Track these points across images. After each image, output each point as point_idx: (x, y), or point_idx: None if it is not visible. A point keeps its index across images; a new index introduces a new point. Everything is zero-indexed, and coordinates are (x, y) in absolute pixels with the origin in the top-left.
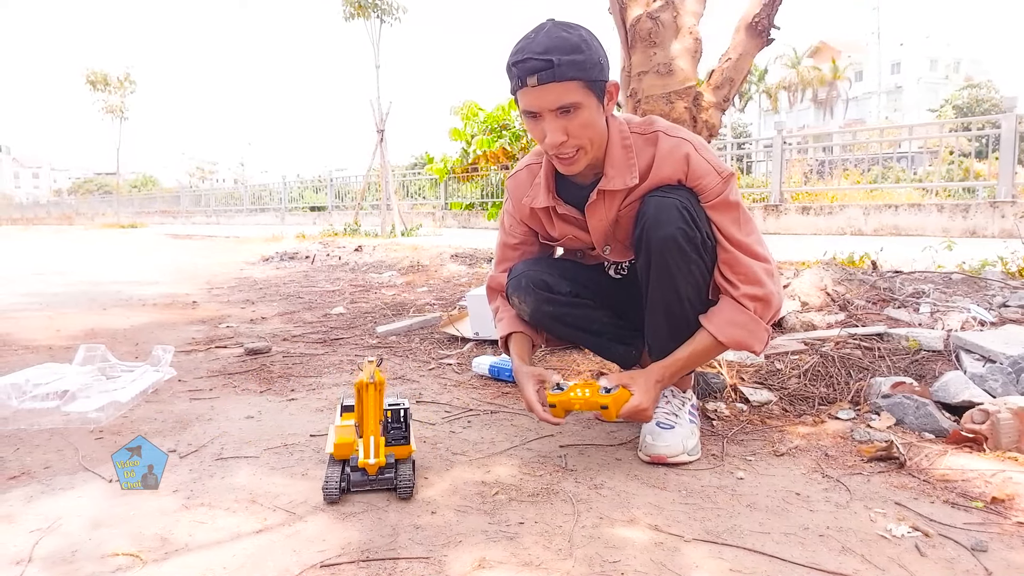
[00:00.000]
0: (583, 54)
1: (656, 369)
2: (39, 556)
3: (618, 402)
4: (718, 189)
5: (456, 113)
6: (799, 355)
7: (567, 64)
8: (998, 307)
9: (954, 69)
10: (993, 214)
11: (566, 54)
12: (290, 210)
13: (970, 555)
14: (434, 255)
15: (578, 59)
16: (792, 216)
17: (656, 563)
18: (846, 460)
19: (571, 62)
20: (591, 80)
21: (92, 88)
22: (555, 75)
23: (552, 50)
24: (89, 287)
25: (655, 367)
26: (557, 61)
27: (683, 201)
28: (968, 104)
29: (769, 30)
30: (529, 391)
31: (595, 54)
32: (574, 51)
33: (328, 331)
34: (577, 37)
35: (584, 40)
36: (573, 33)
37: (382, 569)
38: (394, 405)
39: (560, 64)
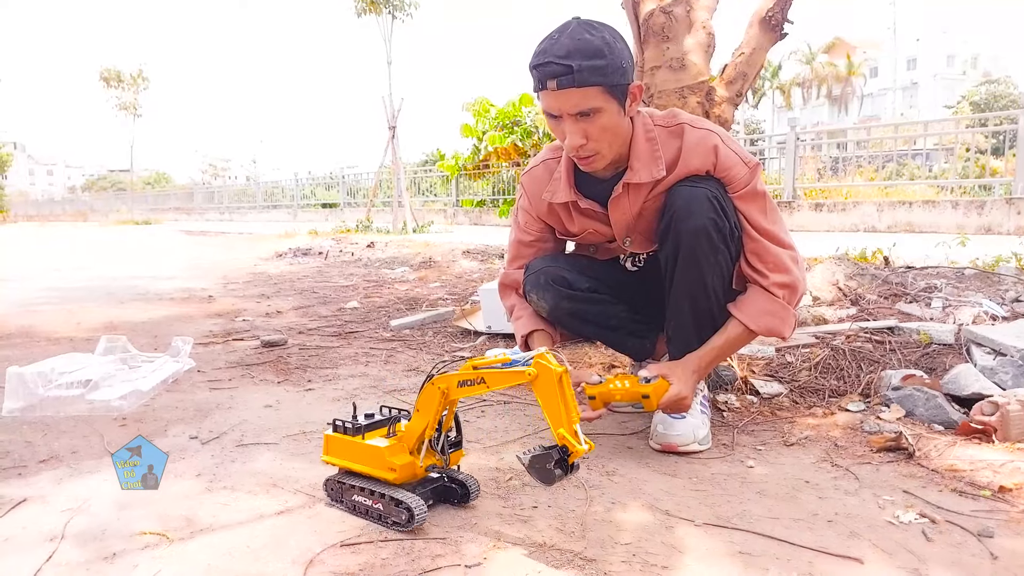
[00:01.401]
0: (605, 59)
1: (692, 359)
2: (71, 534)
3: (658, 392)
4: (746, 179)
5: (467, 109)
6: (810, 348)
7: (588, 70)
8: (1010, 302)
9: (972, 65)
10: (1009, 211)
11: (587, 59)
12: (302, 207)
13: (976, 540)
14: (446, 251)
15: (599, 64)
16: (805, 213)
17: (666, 546)
18: (855, 450)
19: (592, 68)
20: (612, 85)
21: (106, 85)
22: (575, 80)
23: (573, 54)
24: (107, 282)
25: (691, 357)
26: (577, 67)
27: (713, 191)
28: (986, 100)
29: (783, 25)
30: None
31: (617, 58)
32: (595, 56)
33: (343, 325)
34: (600, 40)
35: (607, 43)
36: (596, 36)
37: (401, 548)
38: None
39: (580, 70)
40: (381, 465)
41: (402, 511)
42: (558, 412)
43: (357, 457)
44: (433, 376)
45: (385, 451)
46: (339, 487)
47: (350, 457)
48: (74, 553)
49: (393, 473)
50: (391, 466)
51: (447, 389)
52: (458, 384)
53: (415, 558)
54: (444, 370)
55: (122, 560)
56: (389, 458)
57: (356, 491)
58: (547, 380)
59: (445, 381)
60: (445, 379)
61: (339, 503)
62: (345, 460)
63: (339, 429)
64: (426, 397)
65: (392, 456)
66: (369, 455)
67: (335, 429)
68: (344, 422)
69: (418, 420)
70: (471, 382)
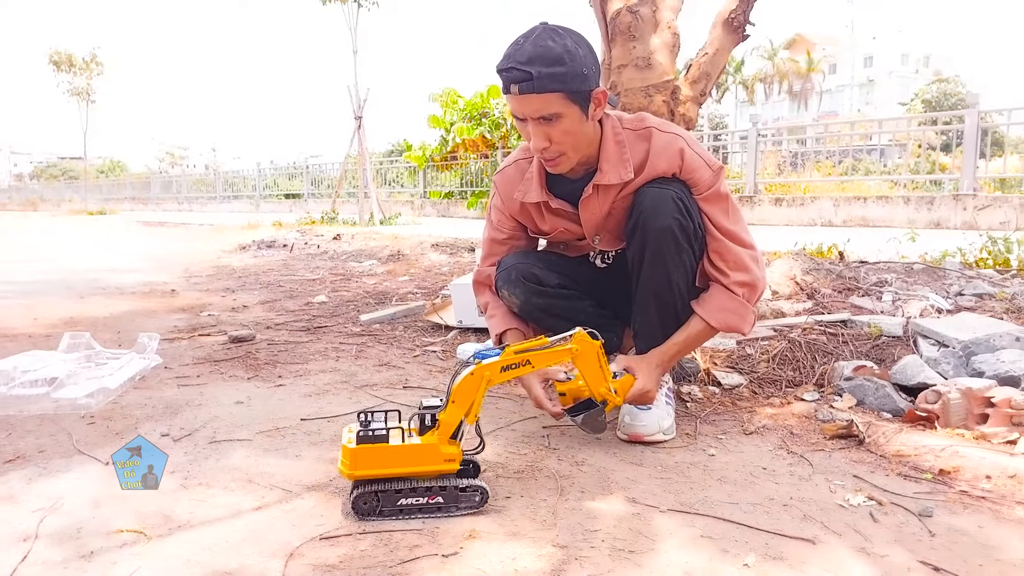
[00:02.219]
0: (565, 66)
1: (656, 354)
2: (45, 533)
3: (624, 387)
4: (710, 181)
5: (435, 100)
6: (769, 341)
7: (547, 77)
8: (954, 295)
9: (924, 64)
10: (956, 206)
11: (547, 66)
12: (265, 198)
13: (917, 520)
14: (414, 244)
15: (558, 72)
16: (766, 207)
17: (634, 531)
18: (810, 438)
19: (551, 75)
20: (572, 91)
21: (56, 69)
22: (534, 87)
23: (535, 61)
24: (65, 275)
25: (656, 352)
26: (537, 73)
27: (678, 193)
28: (937, 98)
29: (745, 26)
30: (537, 388)
31: (579, 65)
32: (556, 63)
33: (311, 319)
34: (561, 48)
35: (568, 51)
36: (558, 43)
37: (379, 540)
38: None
39: (540, 76)
40: (437, 460)
41: (476, 494)
42: (598, 376)
43: (400, 461)
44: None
45: (439, 446)
46: (378, 497)
47: (391, 464)
48: (50, 552)
49: (452, 463)
50: (449, 457)
51: (491, 376)
52: (501, 369)
53: (393, 549)
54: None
55: (100, 558)
56: (444, 451)
57: (404, 495)
58: (588, 352)
59: (488, 369)
60: (488, 367)
61: (379, 515)
62: (384, 468)
63: (369, 439)
64: (465, 387)
65: (446, 449)
66: (418, 455)
67: (361, 440)
68: (373, 431)
69: (454, 411)
70: (515, 366)
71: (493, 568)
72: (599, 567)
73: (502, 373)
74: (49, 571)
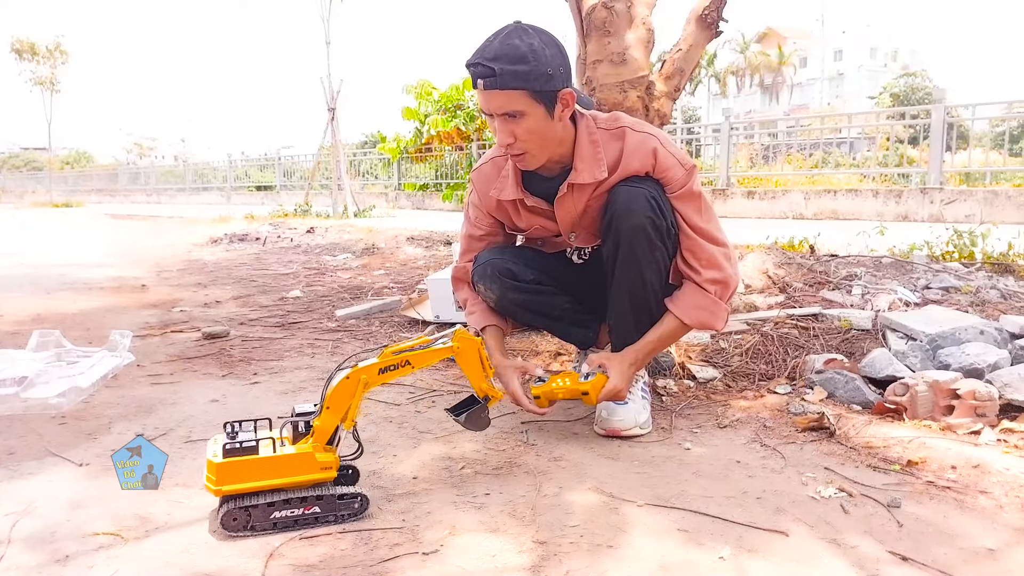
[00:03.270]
0: (528, 65)
1: (630, 353)
2: (19, 537)
3: (596, 387)
4: (682, 180)
5: (409, 92)
6: (742, 335)
7: (509, 74)
8: (922, 289)
9: (892, 58)
10: (923, 200)
11: (510, 64)
12: (236, 189)
13: (886, 511)
14: (389, 237)
15: (521, 70)
16: (738, 200)
17: (611, 526)
18: (782, 431)
19: (514, 72)
20: (536, 91)
21: (18, 58)
22: (497, 83)
23: (500, 58)
24: (30, 270)
25: (629, 351)
26: (499, 70)
27: (651, 191)
28: (905, 92)
29: (718, 23)
30: (515, 385)
31: (543, 65)
32: (519, 61)
33: (286, 315)
34: (527, 47)
35: (533, 50)
36: (524, 42)
37: (359, 539)
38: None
39: (503, 73)
40: (312, 468)
41: (355, 501)
42: (479, 373)
43: (273, 472)
44: (344, 370)
45: (314, 454)
46: (248, 512)
47: (262, 475)
48: (24, 557)
49: (329, 471)
50: (325, 465)
51: (368, 379)
52: (379, 372)
53: (373, 547)
54: (347, 364)
55: (76, 562)
56: (320, 459)
57: (277, 507)
58: (469, 350)
59: (365, 372)
60: (364, 370)
61: (250, 530)
62: (256, 480)
63: (237, 452)
64: (341, 391)
65: (322, 457)
66: (291, 464)
67: (228, 454)
68: (241, 443)
69: (329, 416)
70: (394, 367)
71: (474, 565)
72: (578, 562)
73: (380, 375)
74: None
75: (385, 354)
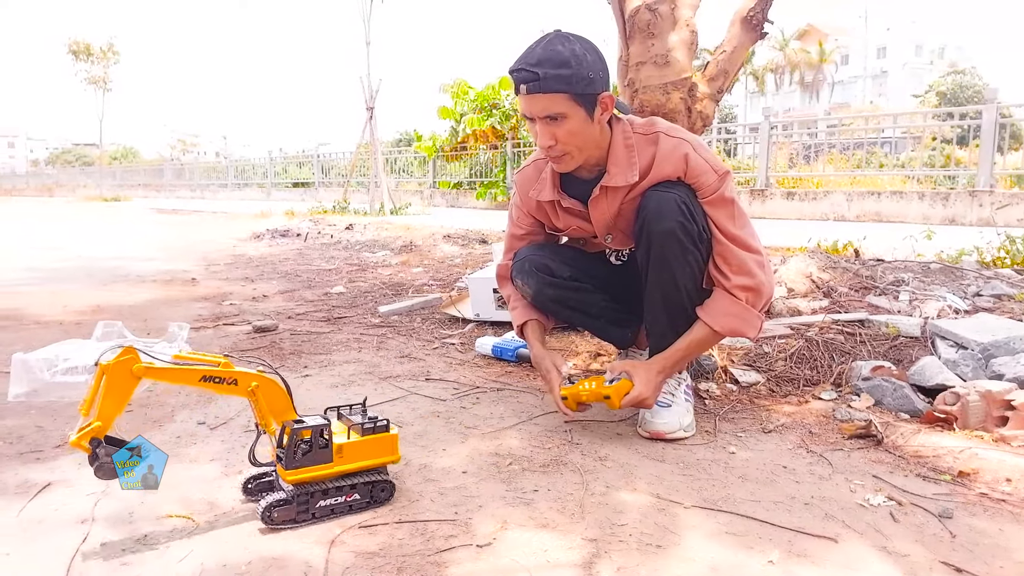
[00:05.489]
0: (571, 69)
1: (658, 360)
2: (100, 516)
3: (619, 392)
4: (714, 186)
5: (446, 91)
6: (785, 339)
7: (553, 78)
8: (972, 296)
9: (939, 55)
10: (972, 203)
11: (554, 68)
12: (275, 185)
13: (937, 521)
14: (426, 235)
15: (564, 73)
16: (777, 201)
17: (660, 526)
18: (828, 437)
19: (557, 76)
20: (577, 94)
21: (75, 58)
22: (541, 87)
23: (543, 63)
24: (86, 262)
25: (657, 359)
26: (543, 74)
27: (682, 196)
28: (952, 90)
29: (763, 24)
30: (553, 378)
31: (585, 69)
32: (562, 65)
33: (331, 310)
34: (569, 52)
35: (575, 55)
36: (567, 48)
37: (415, 529)
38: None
39: (546, 77)
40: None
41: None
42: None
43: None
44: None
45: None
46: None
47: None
48: (108, 534)
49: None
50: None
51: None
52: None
53: (429, 538)
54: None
55: (154, 541)
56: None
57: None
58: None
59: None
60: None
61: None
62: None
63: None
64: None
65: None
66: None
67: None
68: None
69: None
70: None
71: (527, 559)
72: (628, 560)
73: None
74: (109, 552)
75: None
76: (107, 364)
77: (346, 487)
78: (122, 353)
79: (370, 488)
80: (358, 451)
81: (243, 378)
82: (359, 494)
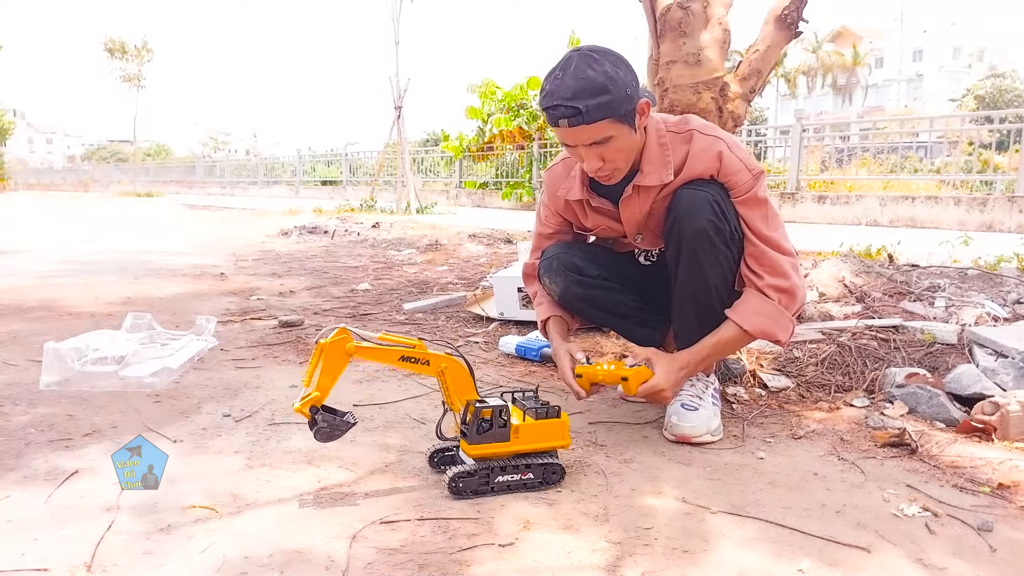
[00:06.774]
0: (610, 94)
1: (683, 356)
2: (125, 505)
3: (638, 377)
4: (748, 185)
5: (473, 91)
6: (817, 344)
7: (595, 108)
8: (1012, 303)
9: (978, 58)
10: (1011, 208)
11: (593, 97)
12: (303, 183)
13: (976, 534)
14: (452, 234)
15: (605, 101)
16: (808, 205)
17: (686, 531)
18: (860, 445)
19: (599, 105)
20: (621, 114)
21: (110, 56)
22: (584, 120)
23: (580, 95)
24: (118, 256)
25: (683, 354)
26: (584, 108)
27: (714, 195)
28: (991, 94)
29: (798, 23)
30: (565, 362)
31: (622, 88)
32: (601, 92)
33: (356, 306)
34: (602, 75)
35: (610, 77)
36: (599, 71)
37: (437, 527)
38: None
39: (588, 110)
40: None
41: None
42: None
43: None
44: None
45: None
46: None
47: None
48: (132, 524)
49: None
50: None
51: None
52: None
53: (451, 536)
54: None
55: (177, 531)
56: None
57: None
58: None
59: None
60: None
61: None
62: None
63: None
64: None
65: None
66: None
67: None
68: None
69: None
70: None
71: (550, 560)
72: (654, 564)
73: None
74: (134, 541)
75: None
76: (324, 343)
77: (522, 466)
78: (337, 333)
79: (543, 469)
80: (533, 433)
81: (435, 360)
82: (533, 474)
